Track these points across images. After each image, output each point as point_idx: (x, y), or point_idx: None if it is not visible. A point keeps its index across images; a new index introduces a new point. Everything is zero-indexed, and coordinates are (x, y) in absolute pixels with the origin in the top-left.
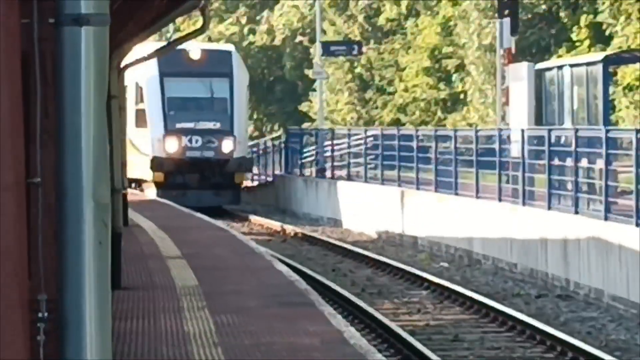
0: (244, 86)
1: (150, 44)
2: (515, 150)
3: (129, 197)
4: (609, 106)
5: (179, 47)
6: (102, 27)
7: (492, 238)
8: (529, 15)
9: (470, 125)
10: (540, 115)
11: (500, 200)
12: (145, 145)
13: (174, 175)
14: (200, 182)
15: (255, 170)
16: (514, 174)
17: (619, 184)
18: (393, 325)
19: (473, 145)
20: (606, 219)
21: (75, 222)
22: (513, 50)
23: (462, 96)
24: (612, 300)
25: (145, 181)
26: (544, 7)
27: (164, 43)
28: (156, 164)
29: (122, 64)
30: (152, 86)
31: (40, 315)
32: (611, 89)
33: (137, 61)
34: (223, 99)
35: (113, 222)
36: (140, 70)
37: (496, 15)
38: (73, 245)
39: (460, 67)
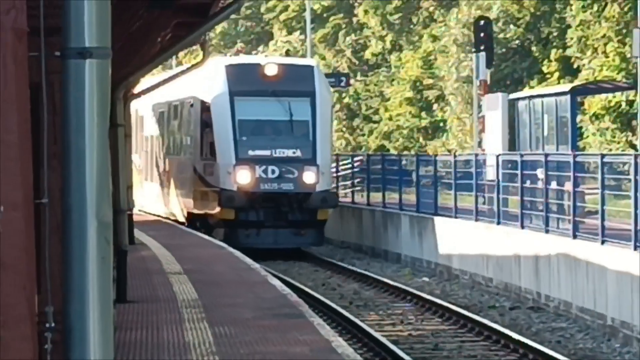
0: (328, 107)
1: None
2: (490, 173)
3: (135, 217)
4: (577, 133)
5: (253, 61)
6: (104, 59)
7: (469, 255)
8: (503, 50)
9: (449, 151)
10: (513, 141)
11: (476, 220)
12: (213, 177)
13: (246, 212)
14: (277, 219)
15: None
16: (490, 196)
17: (586, 205)
18: (378, 335)
19: (452, 169)
20: (574, 237)
21: (80, 239)
22: (488, 82)
23: (442, 124)
24: (580, 311)
25: (212, 217)
26: (517, 42)
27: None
28: (225, 198)
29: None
30: (220, 107)
31: (47, 325)
32: (579, 117)
33: (143, 92)
34: (304, 122)
35: (119, 240)
36: (206, 89)
37: (473, 49)
38: (78, 261)
39: (440, 98)
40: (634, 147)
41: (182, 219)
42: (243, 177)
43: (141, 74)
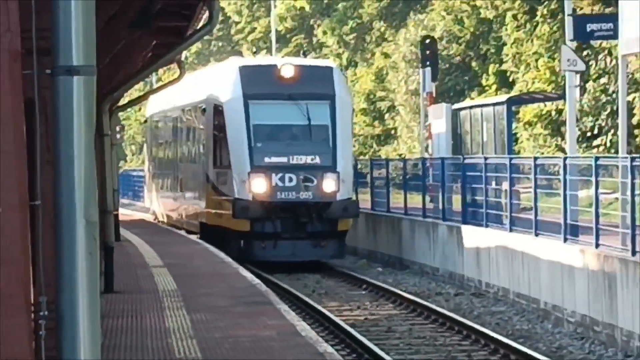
0: (349, 111)
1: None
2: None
3: (120, 217)
4: (512, 139)
5: (268, 62)
6: (90, 76)
7: (418, 247)
8: (447, 65)
9: (400, 155)
10: (456, 146)
11: (424, 216)
12: (226, 186)
13: (262, 223)
14: (295, 230)
15: None
16: (435, 195)
17: (521, 202)
18: (337, 320)
19: (402, 172)
20: (511, 230)
21: (70, 236)
22: (434, 94)
23: (393, 132)
24: (516, 297)
25: (226, 228)
26: (458, 58)
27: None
28: (239, 208)
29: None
30: (233, 111)
31: (41, 314)
32: (514, 125)
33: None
34: (323, 127)
35: (106, 237)
36: (219, 92)
37: (420, 65)
38: (68, 256)
39: (391, 108)
40: (563, 150)
41: (195, 230)
42: (258, 186)
43: (124, 89)
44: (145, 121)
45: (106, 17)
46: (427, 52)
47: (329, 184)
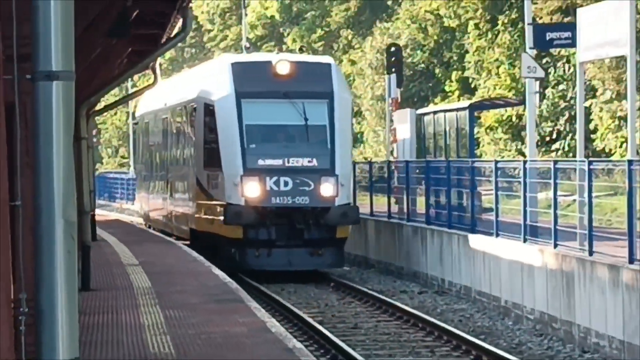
0: (348, 110)
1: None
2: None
3: (97, 217)
4: (474, 143)
5: (262, 59)
6: (69, 81)
7: (383, 246)
8: (411, 72)
9: (366, 158)
10: (420, 150)
11: (389, 217)
12: (217, 189)
13: (256, 229)
14: (291, 238)
15: None
16: (400, 197)
17: (482, 204)
18: (306, 316)
19: (368, 174)
20: (472, 231)
21: (49, 235)
22: (399, 99)
23: (359, 136)
24: (478, 295)
25: (217, 235)
26: (423, 65)
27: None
28: (232, 214)
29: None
30: (225, 111)
31: (21, 310)
32: (476, 129)
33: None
34: (321, 127)
35: (83, 237)
36: (210, 90)
37: (385, 72)
38: (47, 254)
39: (358, 113)
40: (523, 154)
41: (185, 236)
42: (252, 190)
43: (101, 94)
44: (137, 122)
45: (84, 24)
46: (393, 59)
47: (327, 188)
